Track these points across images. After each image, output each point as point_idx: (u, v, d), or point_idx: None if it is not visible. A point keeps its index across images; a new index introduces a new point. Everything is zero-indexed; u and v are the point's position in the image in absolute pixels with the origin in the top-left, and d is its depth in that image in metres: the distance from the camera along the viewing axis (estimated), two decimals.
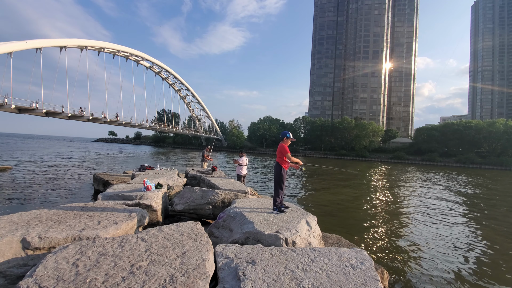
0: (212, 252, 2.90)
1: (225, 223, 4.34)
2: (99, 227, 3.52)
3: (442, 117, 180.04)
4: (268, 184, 17.76)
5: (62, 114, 40.89)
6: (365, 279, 2.50)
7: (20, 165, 20.32)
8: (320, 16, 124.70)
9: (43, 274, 2.23)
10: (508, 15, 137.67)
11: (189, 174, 10.44)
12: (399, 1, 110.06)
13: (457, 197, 16.67)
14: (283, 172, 4.76)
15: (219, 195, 5.93)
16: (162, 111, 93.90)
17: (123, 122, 54.11)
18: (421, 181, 25.78)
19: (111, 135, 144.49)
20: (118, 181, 10.15)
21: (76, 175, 16.56)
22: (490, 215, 11.94)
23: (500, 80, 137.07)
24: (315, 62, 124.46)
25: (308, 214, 4.57)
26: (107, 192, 5.80)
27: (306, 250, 3.11)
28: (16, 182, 13.05)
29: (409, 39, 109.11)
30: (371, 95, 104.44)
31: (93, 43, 48.03)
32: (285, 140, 4.81)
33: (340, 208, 11.86)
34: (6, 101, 33.52)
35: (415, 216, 10.80)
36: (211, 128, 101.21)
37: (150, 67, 68.50)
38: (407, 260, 6.19)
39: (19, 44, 35.30)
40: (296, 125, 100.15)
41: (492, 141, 69.51)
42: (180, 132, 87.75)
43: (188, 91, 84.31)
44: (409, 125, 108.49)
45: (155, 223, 5.20)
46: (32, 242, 3.00)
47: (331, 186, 18.79)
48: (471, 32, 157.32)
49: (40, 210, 4.20)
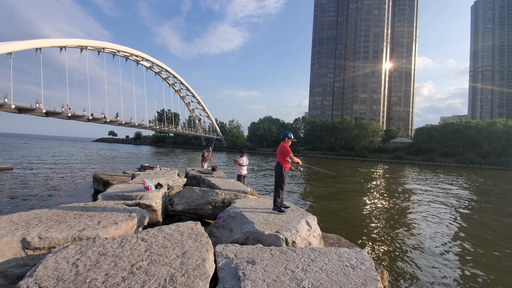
0: (212, 252, 2.90)
1: (225, 223, 4.34)
2: (99, 227, 3.52)
3: (442, 117, 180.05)
4: (268, 184, 17.76)
5: (62, 114, 40.97)
6: (365, 279, 2.50)
7: (21, 165, 20.32)
8: (320, 16, 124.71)
9: (43, 274, 2.23)
10: (508, 15, 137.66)
11: (189, 174, 10.43)
12: (399, 1, 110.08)
13: (457, 197, 16.67)
14: (284, 172, 4.76)
15: (219, 195, 5.93)
16: (162, 111, 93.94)
17: (123, 122, 54.14)
18: (421, 181, 25.78)
19: (111, 135, 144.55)
20: (118, 181, 10.15)
21: (76, 175, 16.56)
22: (490, 215, 11.94)
23: (500, 80, 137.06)
24: (315, 62, 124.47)
25: (308, 214, 4.57)
26: (107, 192, 5.80)
27: (306, 250, 3.11)
28: (16, 182, 13.05)
29: (409, 39, 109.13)
30: (371, 95, 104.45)
31: (93, 43, 48.05)
32: (286, 140, 4.82)
33: (340, 208, 11.86)
34: (6, 101, 33.57)
35: (415, 216, 10.80)
36: (211, 128, 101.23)
37: (150, 67, 68.52)
38: (407, 260, 6.19)
39: (19, 44, 35.33)
40: (296, 125, 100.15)
41: (492, 141, 69.53)
42: (180, 132, 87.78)
43: (188, 91, 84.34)
44: (409, 125, 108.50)
45: (155, 223, 5.20)
46: (32, 242, 3.00)
47: (331, 186, 18.79)
48: (471, 32, 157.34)
49: (40, 210, 4.20)
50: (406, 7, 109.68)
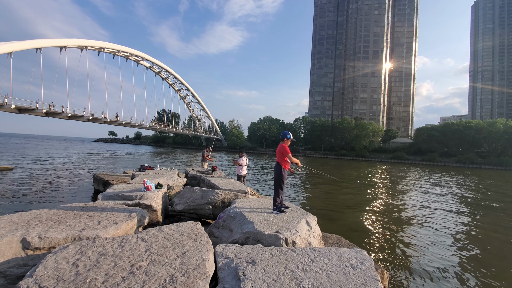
0: (212, 252, 2.90)
1: (225, 223, 4.34)
2: (99, 227, 3.51)
3: (442, 117, 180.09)
4: (268, 184, 17.75)
5: (62, 114, 40.96)
6: (365, 279, 2.50)
7: (21, 165, 20.31)
8: (320, 16, 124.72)
9: (43, 274, 2.23)
10: (508, 15, 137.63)
11: (189, 174, 10.44)
12: (399, 1, 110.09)
13: (457, 197, 16.67)
14: (283, 172, 4.76)
15: (219, 195, 5.92)
16: (162, 111, 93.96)
17: (123, 122, 54.14)
18: (421, 181, 25.78)
19: (111, 135, 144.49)
20: (118, 181, 10.15)
21: (76, 175, 16.56)
22: (490, 215, 11.94)
23: (500, 80, 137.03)
24: (315, 62, 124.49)
25: (308, 214, 4.57)
26: (107, 192, 5.80)
27: (306, 250, 3.11)
28: (17, 182, 13.06)
29: (409, 39, 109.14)
30: (371, 95, 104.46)
31: (93, 43, 48.04)
32: (285, 140, 4.83)
33: (340, 208, 11.86)
34: (6, 101, 33.56)
35: (415, 216, 10.80)
36: (211, 128, 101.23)
37: (150, 67, 68.52)
38: (407, 260, 6.19)
39: (19, 44, 35.34)
40: (296, 125, 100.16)
41: (492, 141, 69.55)
42: (180, 132, 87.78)
43: (188, 91, 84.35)
44: (409, 125, 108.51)
45: (155, 223, 5.20)
46: (32, 242, 3.00)
47: (331, 186, 18.78)
48: (471, 32, 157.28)
49: (40, 210, 4.20)
50: (406, 7, 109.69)
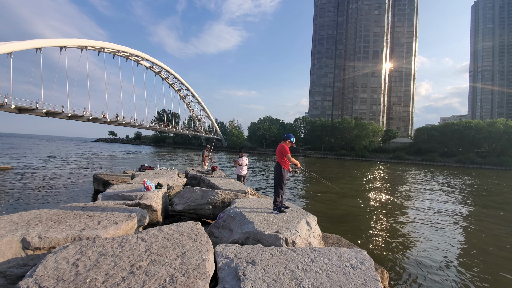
0: (212, 252, 2.90)
1: (225, 223, 4.34)
2: (99, 227, 3.51)
3: (442, 117, 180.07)
4: (268, 184, 17.75)
5: (62, 114, 40.93)
6: (365, 279, 2.50)
7: (21, 165, 20.31)
8: (320, 16, 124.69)
9: (43, 274, 2.23)
10: (508, 15, 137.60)
11: (189, 174, 10.44)
12: (399, 1, 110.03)
13: (457, 197, 16.66)
14: (283, 172, 4.76)
15: (219, 195, 5.92)
16: (162, 111, 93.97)
17: (123, 122, 54.11)
18: (421, 181, 25.77)
19: (111, 135, 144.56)
20: (118, 181, 10.14)
21: (76, 175, 16.56)
22: (490, 215, 11.94)
23: (500, 80, 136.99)
24: (315, 62, 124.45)
25: (308, 214, 4.57)
26: (107, 192, 5.80)
27: (306, 250, 3.11)
28: (17, 182, 13.05)
29: (409, 39, 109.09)
30: (371, 95, 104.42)
31: (93, 43, 48.01)
32: (287, 142, 4.86)
33: (340, 208, 11.85)
34: (6, 101, 33.53)
35: (416, 216, 10.80)
36: (211, 128, 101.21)
37: (150, 67, 68.49)
38: (407, 260, 6.19)
39: (19, 44, 35.32)
40: (296, 125, 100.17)
41: (492, 141, 69.50)
42: (180, 132, 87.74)
43: (188, 91, 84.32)
44: (409, 125, 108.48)
45: (155, 223, 5.20)
46: (32, 242, 3.00)
47: (331, 186, 18.75)
48: (471, 32, 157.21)
49: (40, 210, 4.19)
50: (406, 7, 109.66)
